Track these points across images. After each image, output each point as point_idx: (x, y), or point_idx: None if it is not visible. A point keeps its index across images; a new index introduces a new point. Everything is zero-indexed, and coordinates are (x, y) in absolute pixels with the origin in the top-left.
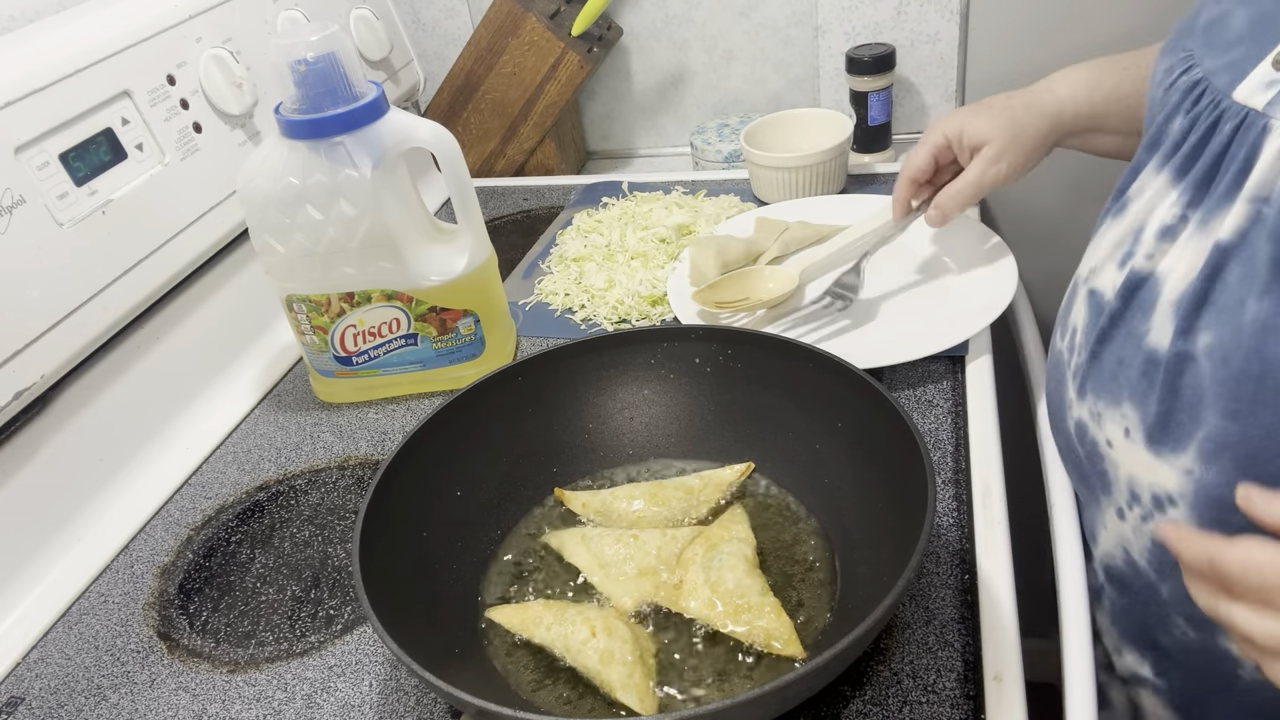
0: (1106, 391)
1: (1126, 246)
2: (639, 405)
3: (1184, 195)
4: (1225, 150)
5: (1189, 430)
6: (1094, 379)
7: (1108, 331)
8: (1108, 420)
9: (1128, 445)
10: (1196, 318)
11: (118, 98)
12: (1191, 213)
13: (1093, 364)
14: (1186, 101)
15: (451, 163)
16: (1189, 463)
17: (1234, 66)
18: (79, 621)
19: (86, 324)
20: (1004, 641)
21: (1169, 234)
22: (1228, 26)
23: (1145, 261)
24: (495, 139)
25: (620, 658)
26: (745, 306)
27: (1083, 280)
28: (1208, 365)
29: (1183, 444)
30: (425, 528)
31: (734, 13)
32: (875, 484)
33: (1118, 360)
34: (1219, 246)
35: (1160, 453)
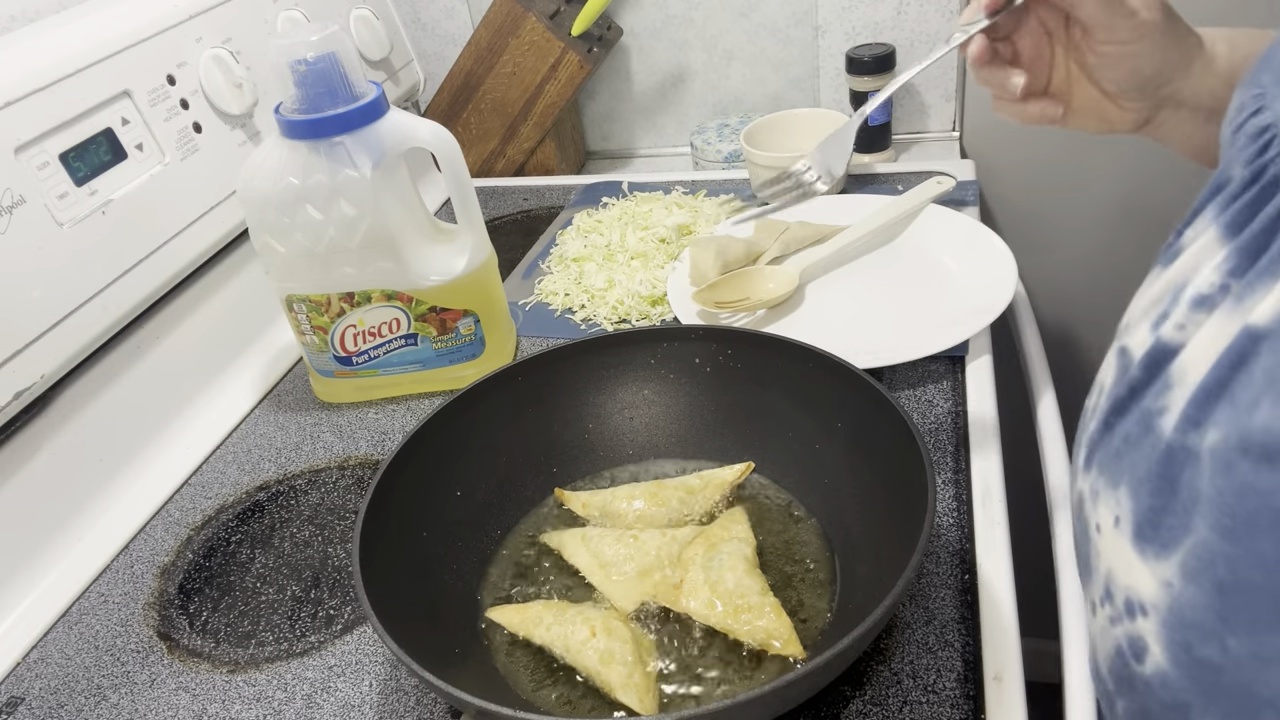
0: (1109, 470)
1: (1163, 306)
2: (639, 405)
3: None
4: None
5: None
6: (1101, 453)
7: (1124, 403)
8: (1102, 503)
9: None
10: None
11: (118, 98)
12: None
13: (1103, 435)
14: (1251, 149)
15: (451, 163)
16: (1170, 573)
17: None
18: (79, 621)
19: (86, 324)
20: (1004, 641)
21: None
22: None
23: (1175, 331)
24: (495, 139)
25: (620, 658)
26: (745, 306)
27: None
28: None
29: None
30: (425, 528)
31: (734, 13)
32: (875, 484)
33: (1125, 437)
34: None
35: (1144, 554)
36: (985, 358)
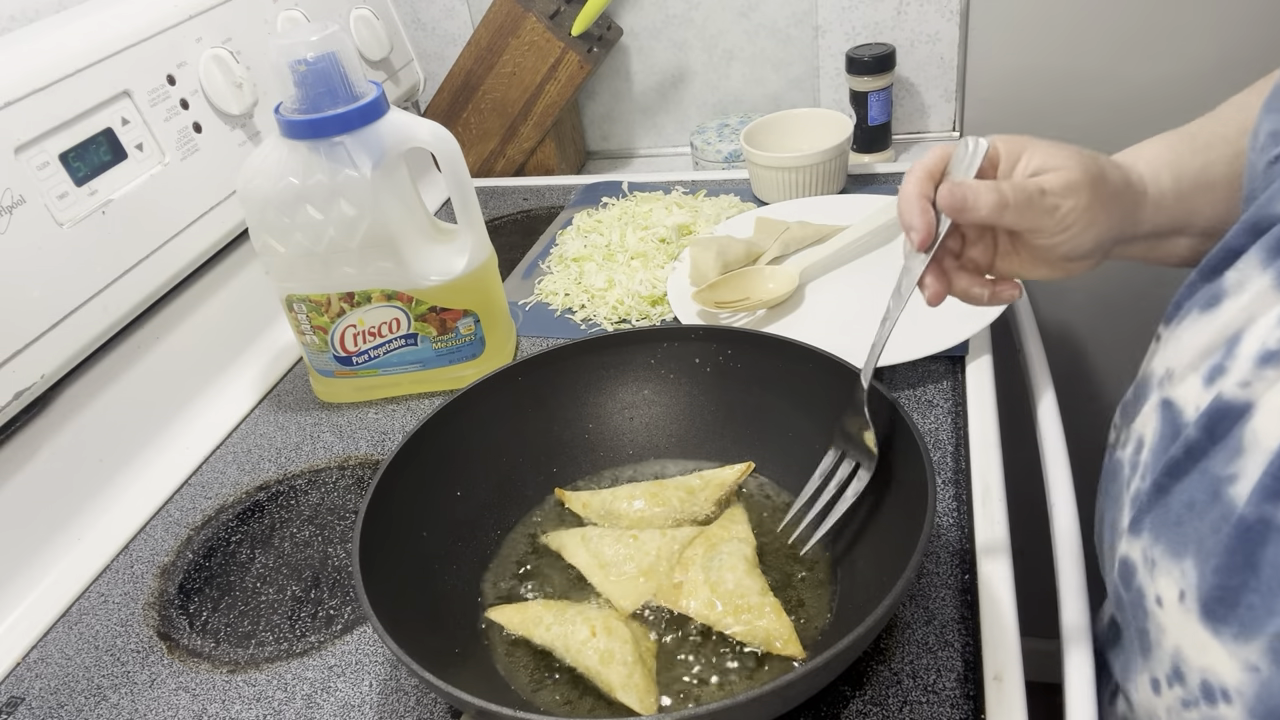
0: (1168, 538)
1: (1216, 358)
2: (639, 405)
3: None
4: None
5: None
6: (1156, 517)
7: (1182, 464)
8: (1162, 573)
9: (1180, 611)
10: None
11: (118, 98)
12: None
13: (1157, 498)
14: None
15: (451, 163)
16: (1255, 657)
17: None
18: (79, 621)
19: (86, 324)
20: (1004, 641)
21: (1272, 359)
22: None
23: (1239, 390)
24: (495, 139)
25: (620, 658)
26: (745, 306)
27: (1155, 380)
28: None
29: (1251, 632)
30: (425, 528)
31: (734, 13)
32: (875, 484)
33: (1188, 504)
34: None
35: (1220, 633)
36: (985, 358)
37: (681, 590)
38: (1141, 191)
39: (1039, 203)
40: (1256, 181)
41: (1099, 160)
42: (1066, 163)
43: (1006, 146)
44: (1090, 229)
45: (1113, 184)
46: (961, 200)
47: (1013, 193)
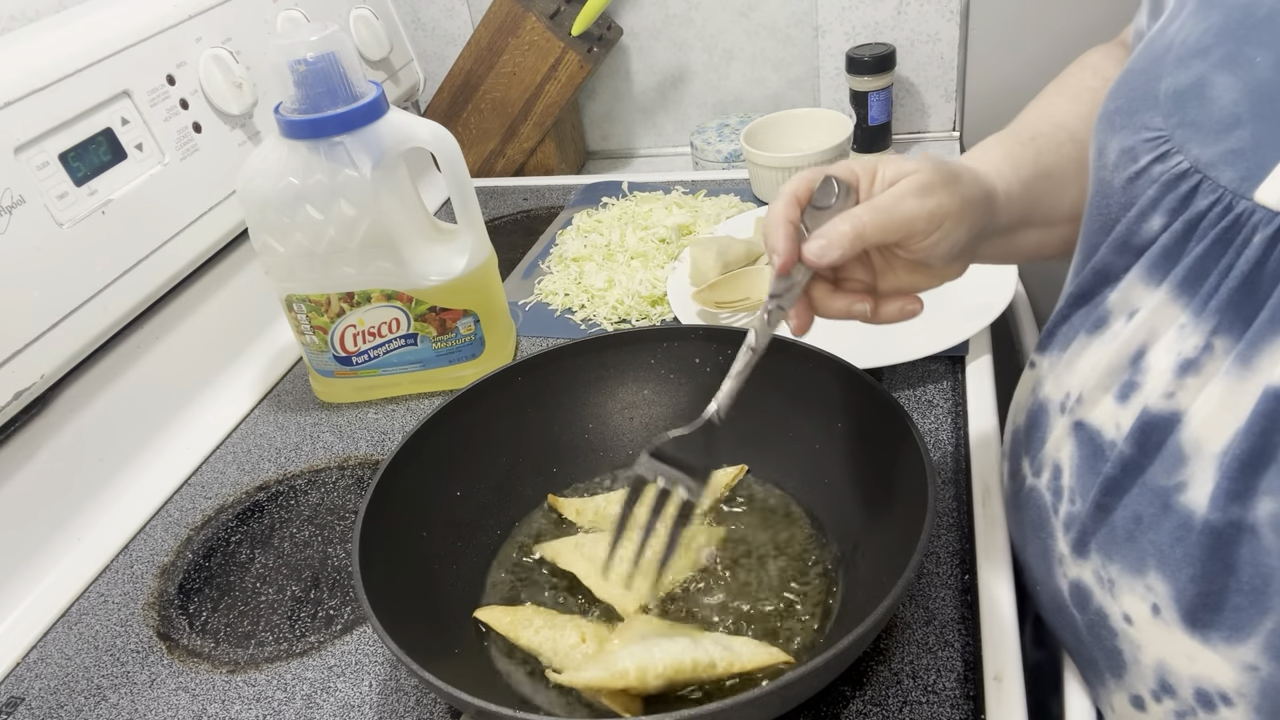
0: (1122, 556)
1: (1125, 376)
2: (639, 405)
3: (1204, 320)
4: (1259, 266)
5: (1251, 618)
6: (1102, 538)
7: (1119, 482)
8: (1125, 591)
9: (1157, 625)
10: (1254, 479)
11: (117, 98)
12: (1219, 342)
13: (1098, 518)
14: (1170, 198)
15: (451, 163)
16: (1253, 657)
17: (1240, 157)
18: (79, 621)
19: (86, 324)
20: (1004, 641)
21: (1191, 368)
22: (1211, 102)
23: (1163, 400)
24: (495, 139)
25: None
26: (745, 306)
27: (1057, 406)
28: (1276, 541)
29: (1242, 633)
30: (425, 528)
31: (734, 13)
32: (875, 484)
33: (1135, 519)
34: (1275, 393)
35: (1209, 640)
36: (985, 358)
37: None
38: (992, 187)
39: (899, 211)
40: (1113, 199)
41: (949, 162)
42: (918, 166)
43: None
44: (960, 225)
45: (967, 182)
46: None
47: (869, 215)
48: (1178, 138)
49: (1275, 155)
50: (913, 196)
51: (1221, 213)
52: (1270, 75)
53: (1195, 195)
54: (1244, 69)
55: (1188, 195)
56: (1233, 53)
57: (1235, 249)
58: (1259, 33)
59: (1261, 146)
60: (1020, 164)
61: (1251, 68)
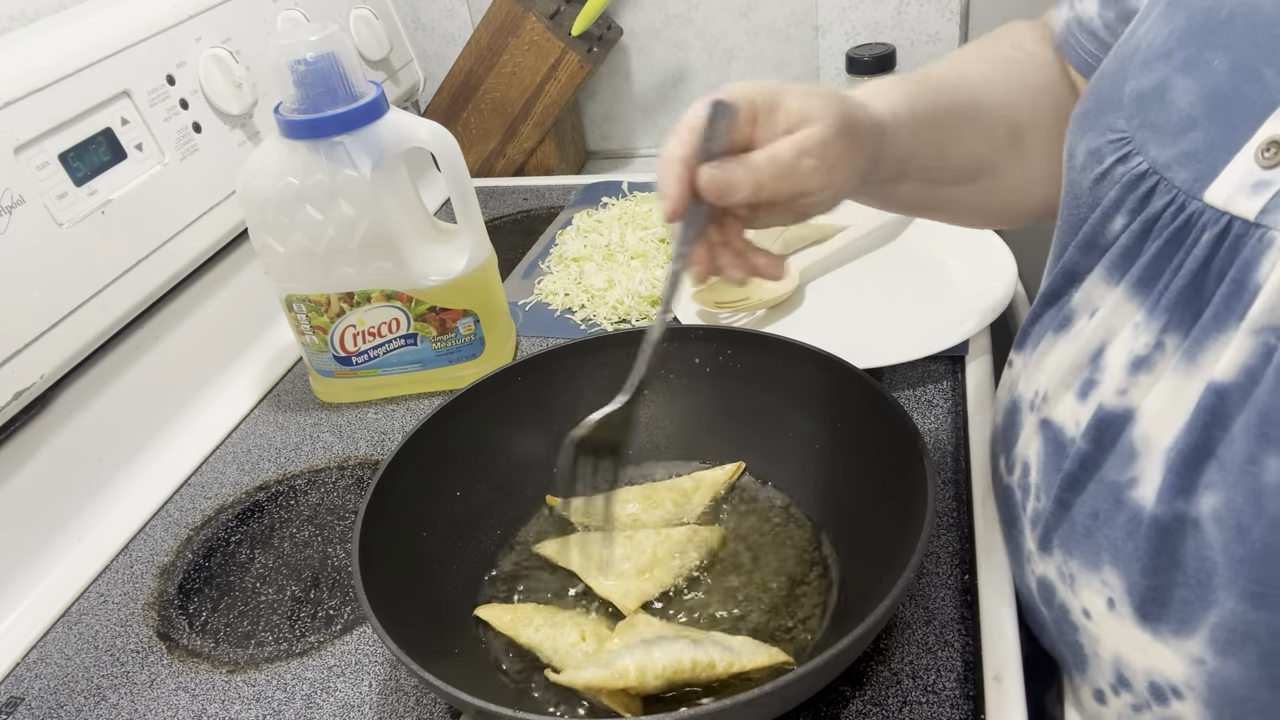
0: (1081, 551)
1: (1085, 373)
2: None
3: (1156, 318)
4: (1206, 265)
5: (1196, 611)
6: (1063, 534)
7: (1077, 478)
8: (1084, 586)
9: (1113, 619)
10: (1196, 474)
11: (117, 98)
12: (1170, 339)
13: (1059, 514)
14: (1130, 199)
15: (451, 163)
16: (1199, 650)
17: (1194, 159)
18: (79, 621)
19: (86, 324)
20: (1004, 641)
21: (1143, 365)
22: (1170, 104)
23: (1117, 397)
24: (495, 139)
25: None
26: (745, 306)
27: (1027, 404)
28: (1217, 535)
29: (1189, 627)
30: (425, 528)
31: (734, 13)
32: (875, 485)
33: (1092, 514)
34: (1216, 389)
35: (1159, 633)
36: (985, 358)
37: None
38: (882, 128)
39: (798, 169)
40: (1081, 199)
41: (847, 104)
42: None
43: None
44: (848, 179)
45: (861, 126)
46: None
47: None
48: (1139, 139)
49: (1225, 157)
50: (813, 156)
51: (1175, 213)
52: (1225, 78)
53: (1153, 195)
54: (1202, 71)
55: (1146, 195)
56: (1193, 56)
57: (1185, 248)
58: (1218, 36)
59: (1214, 148)
60: (916, 107)
61: (1209, 70)
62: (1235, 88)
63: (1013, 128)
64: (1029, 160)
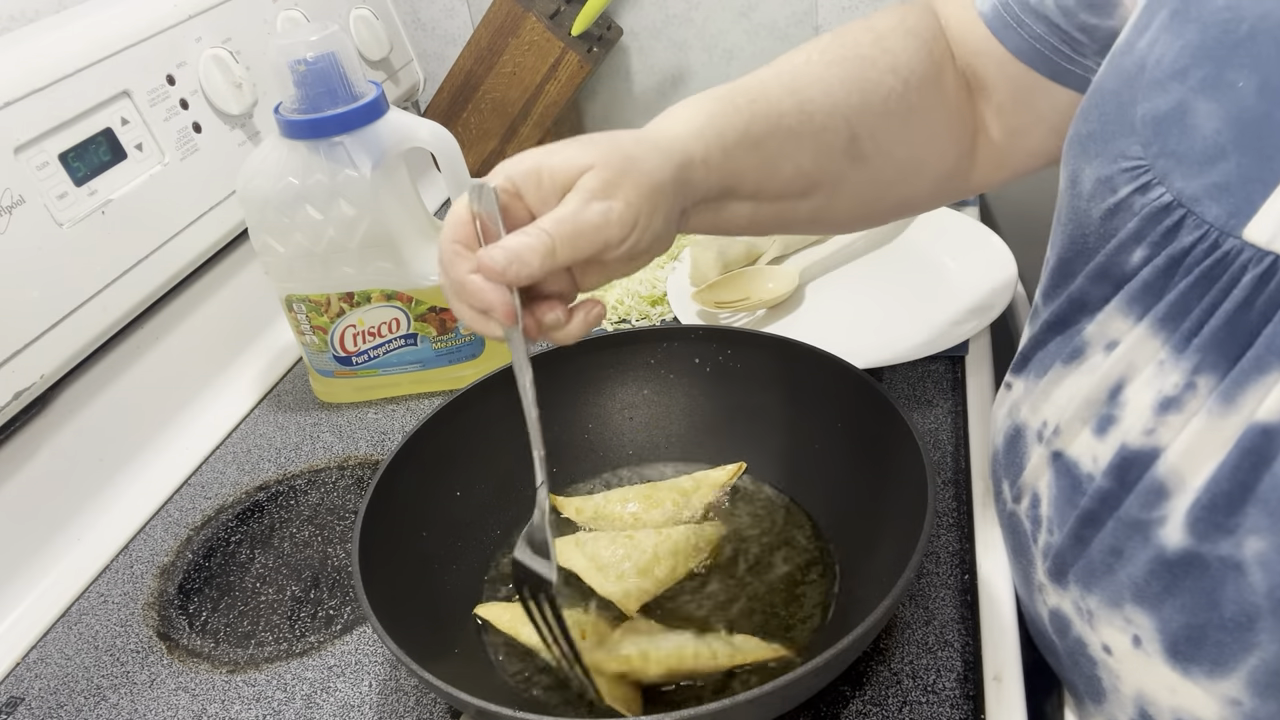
0: (1100, 588)
1: (1102, 409)
2: (639, 405)
3: (1186, 358)
4: (1246, 306)
5: (1234, 654)
6: (1080, 570)
7: (1097, 515)
8: (1104, 623)
9: (1139, 656)
10: (1237, 515)
11: (117, 98)
12: (1202, 380)
13: (1076, 549)
14: (1154, 232)
15: (451, 163)
16: (1235, 691)
17: (1226, 192)
18: (79, 621)
19: (86, 324)
20: (1004, 641)
21: (1173, 405)
22: (1193, 130)
23: (1143, 437)
24: (495, 139)
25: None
26: (745, 306)
27: (1034, 434)
28: (1262, 579)
29: (1225, 668)
30: (425, 528)
31: (734, 13)
32: (875, 484)
33: (1112, 551)
34: (1261, 429)
35: (1190, 673)
36: (985, 358)
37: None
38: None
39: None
40: (1090, 229)
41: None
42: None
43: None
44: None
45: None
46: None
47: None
48: (1159, 168)
49: (1263, 190)
50: (597, 201)
51: (1207, 250)
52: (1254, 102)
53: (1179, 230)
54: (1226, 94)
55: (1171, 230)
56: (1213, 76)
57: (1221, 287)
58: (1240, 54)
59: (1248, 181)
60: (727, 126)
61: (1234, 93)
62: (1266, 113)
63: (849, 136)
64: (869, 168)
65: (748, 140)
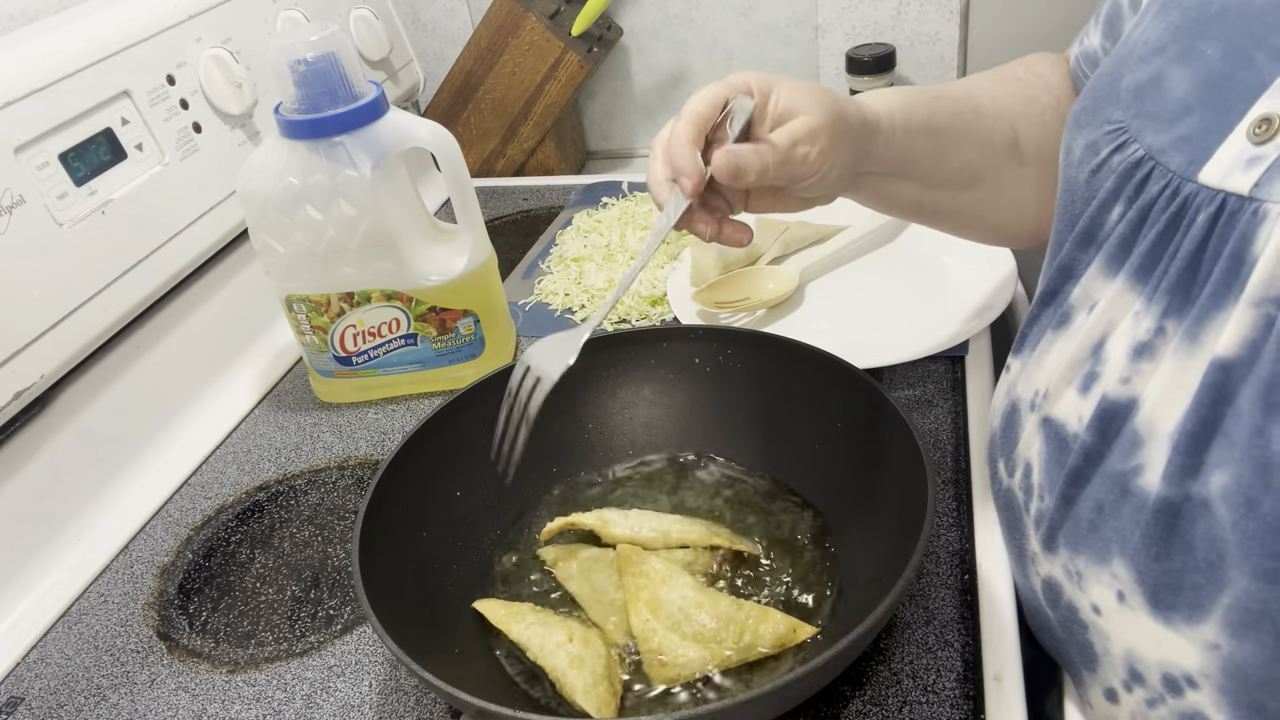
0: (1087, 546)
1: (1086, 367)
2: (639, 405)
3: (1155, 304)
4: (1203, 245)
5: (1208, 594)
6: (1068, 531)
7: (1082, 472)
8: (1092, 582)
9: (1124, 612)
10: (1203, 453)
11: (117, 98)
12: (1170, 324)
13: (1064, 511)
14: (1128, 187)
15: (451, 163)
16: (1213, 634)
17: (1189, 142)
18: (79, 621)
19: (86, 324)
20: (1004, 641)
21: (1145, 351)
22: (1166, 93)
23: (1120, 386)
24: (495, 139)
25: (590, 667)
26: (745, 306)
27: (1027, 405)
28: (1227, 513)
29: (1202, 611)
30: (425, 528)
31: (734, 13)
32: (875, 484)
33: (1097, 507)
34: (1220, 364)
35: (1171, 621)
36: (985, 358)
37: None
38: (875, 125)
39: (793, 156)
40: (1077, 194)
41: (838, 99)
42: (811, 105)
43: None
44: (835, 168)
45: (851, 120)
46: (735, 168)
47: (773, 155)
48: (1134, 127)
49: (1218, 138)
50: (803, 144)
51: (1170, 197)
52: (1218, 65)
53: (1148, 182)
54: (1196, 61)
55: (1141, 182)
56: (1187, 47)
57: (1181, 231)
58: (1211, 27)
59: (1207, 131)
60: (913, 112)
61: (1203, 59)
62: (1227, 74)
63: (1013, 137)
64: (1029, 171)
65: (930, 126)
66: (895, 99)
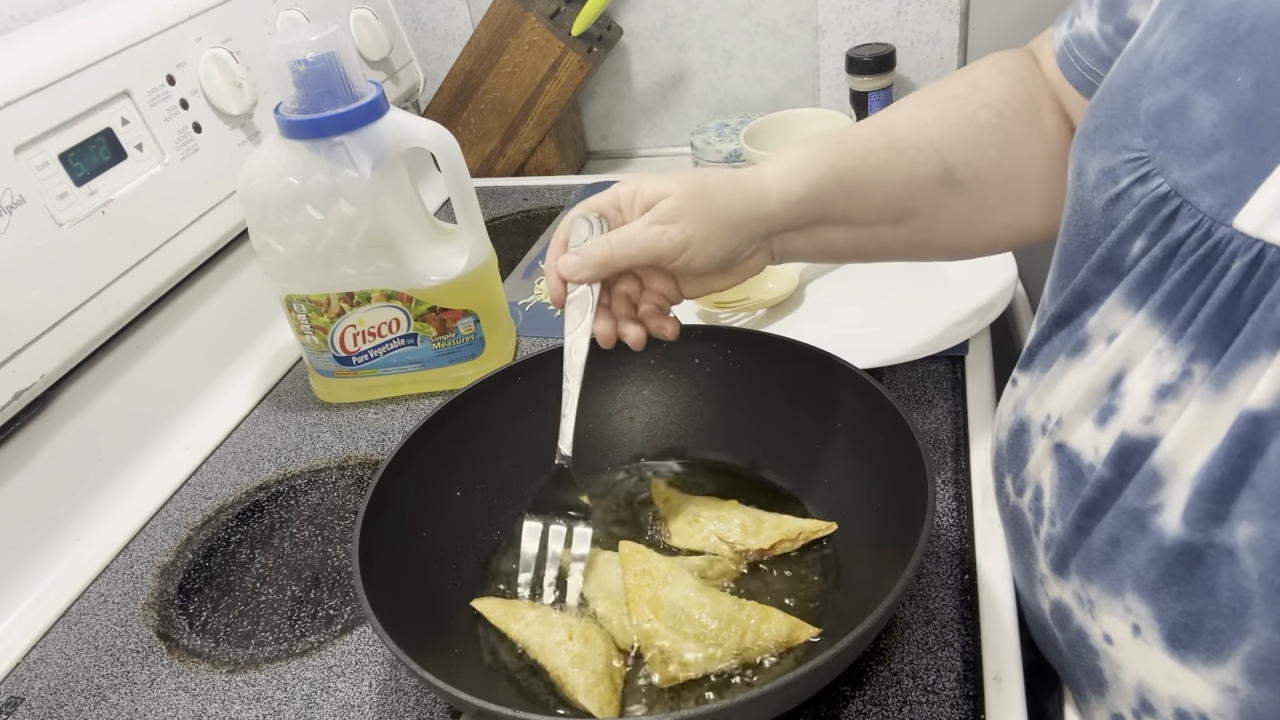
0: (1100, 577)
1: (1103, 399)
2: (639, 405)
3: (1182, 346)
4: (1237, 293)
5: (1229, 640)
6: (1081, 559)
7: (1098, 504)
8: (1105, 612)
9: (1138, 645)
10: (1230, 502)
11: (117, 98)
12: (1198, 368)
13: (1077, 540)
14: (1151, 222)
15: (451, 163)
16: (1231, 678)
17: (1220, 182)
18: (79, 621)
19: (86, 324)
20: (1004, 641)
21: (1170, 393)
22: (1192, 124)
23: (1142, 425)
24: (495, 139)
25: (591, 666)
26: (745, 306)
27: (1038, 427)
28: (1254, 564)
29: (1221, 655)
30: (425, 528)
31: (734, 13)
32: (875, 484)
33: (1112, 540)
34: (1251, 416)
35: (1188, 661)
36: (985, 358)
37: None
38: (762, 191)
39: (640, 239)
40: (1092, 220)
41: (706, 179)
42: (671, 188)
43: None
44: (708, 244)
45: (719, 194)
46: (572, 267)
47: (615, 241)
48: (1158, 159)
49: (1254, 180)
50: (656, 225)
51: (1200, 239)
52: (1250, 96)
53: (1175, 220)
54: (1224, 89)
55: (1168, 219)
56: (1213, 71)
57: (1213, 275)
58: (1239, 50)
59: (1241, 171)
60: (814, 164)
61: (1232, 88)
62: (1260, 107)
63: (942, 166)
64: (967, 194)
65: (832, 175)
66: (795, 155)
